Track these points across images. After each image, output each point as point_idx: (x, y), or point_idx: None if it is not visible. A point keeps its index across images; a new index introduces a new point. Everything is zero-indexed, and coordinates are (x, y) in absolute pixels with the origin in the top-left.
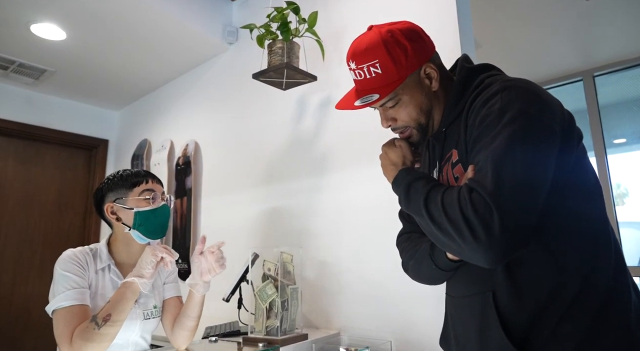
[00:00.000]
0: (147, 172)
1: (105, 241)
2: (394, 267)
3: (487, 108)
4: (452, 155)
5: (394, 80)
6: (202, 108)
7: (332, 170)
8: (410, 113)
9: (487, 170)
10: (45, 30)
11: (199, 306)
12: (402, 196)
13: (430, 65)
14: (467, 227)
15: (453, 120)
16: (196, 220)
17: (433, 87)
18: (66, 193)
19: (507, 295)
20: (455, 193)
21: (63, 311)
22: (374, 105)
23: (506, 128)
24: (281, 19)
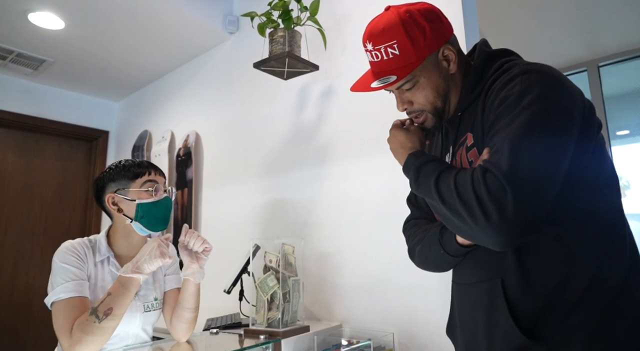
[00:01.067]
0: (150, 163)
1: (104, 232)
2: (396, 258)
3: (506, 90)
4: (467, 139)
5: (412, 62)
6: (203, 99)
7: (334, 161)
8: (427, 96)
9: (504, 152)
10: (43, 19)
11: (193, 296)
12: (412, 178)
13: (449, 47)
14: (479, 208)
15: (469, 105)
16: (197, 212)
17: (451, 70)
18: (67, 184)
19: (516, 283)
20: (469, 174)
21: (62, 304)
22: (390, 88)
23: (525, 111)
24: (282, 6)
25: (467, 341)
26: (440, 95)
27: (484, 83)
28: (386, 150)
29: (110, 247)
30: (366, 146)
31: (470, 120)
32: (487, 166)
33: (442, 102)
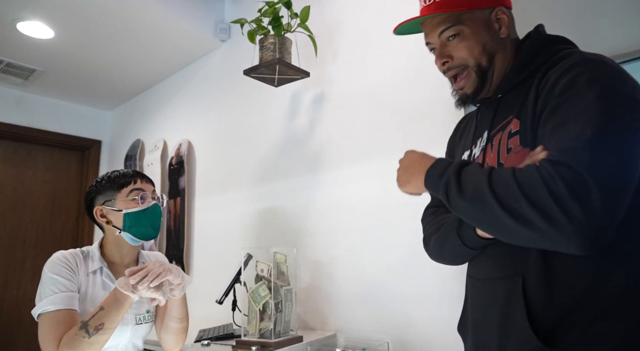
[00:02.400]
0: (136, 171)
1: (97, 243)
2: (391, 266)
3: (571, 77)
4: (511, 124)
5: (463, 6)
6: (195, 107)
7: (326, 168)
8: (472, 49)
9: (580, 144)
10: (32, 28)
11: (178, 306)
12: (453, 184)
13: (504, 11)
14: (558, 208)
15: (513, 87)
16: (190, 221)
17: (502, 33)
18: (58, 195)
19: (538, 283)
20: (534, 171)
21: (48, 316)
22: (431, 36)
23: (601, 101)
24: (272, 13)
25: (478, 339)
26: (486, 52)
27: (536, 67)
28: (379, 156)
29: (103, 258)
30: (359, 153)
31: (516, 105)
32: (560, 159)
33: (487, 61)
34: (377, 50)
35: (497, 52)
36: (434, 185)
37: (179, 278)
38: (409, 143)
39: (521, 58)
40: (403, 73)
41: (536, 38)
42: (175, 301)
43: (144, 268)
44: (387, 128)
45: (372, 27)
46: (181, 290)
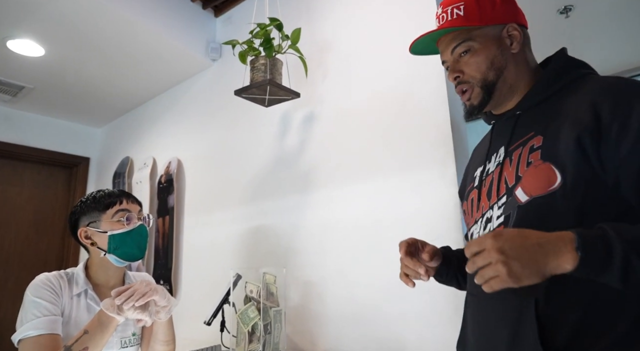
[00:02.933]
0: (122, 191)
1: (82, 265)
2: (381, 286)
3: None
4: (533, 140)
5: (474, 23)
6: (185, 126)
7: (316, 188)
8: (480, 64)
9: None
10: (22, 46)
11: (165, 329)
12: (635, 260)
13: (516, 27)
14: None
15: (534, 106)
16: (179, 240)
17: (513, 49)
18: (45, 213)
19: (550, 302)
20: None
21: (30, 341)
22: (445, 53)
23: None
24: (264, 35)
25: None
26: (494, 67)
27: (560, 87)
28: (369, 176)
29: (88, 279)
30: (348, 172)
31: (540, 122)
32: None
33: (494, 76)
34: (366, 71)
35: (507, 67)
36: (597, 263)
37: (164, 300)
38: (398, 164)
39: (545, 77)
40: (392, 93)
41: (560, 58)
42: (162, 323)
43: (129, 287)
44: (376, 149)
45: (361, 48)
46: (167, 312)
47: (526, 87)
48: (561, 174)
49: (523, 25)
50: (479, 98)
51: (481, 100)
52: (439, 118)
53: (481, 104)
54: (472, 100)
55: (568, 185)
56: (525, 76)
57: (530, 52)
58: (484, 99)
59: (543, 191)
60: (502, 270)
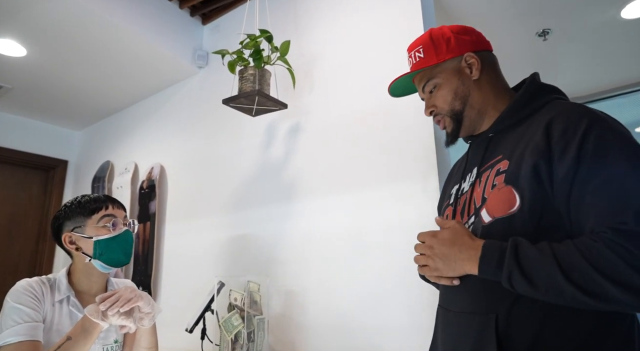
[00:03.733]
0: (107, 196)
1: (65, 271)
2: (362, 298)
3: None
4: (500, 163)
5: (432, 62)
6: (169, 132)
7: (299, 198)
8: (445, 97)
9: (629, 205)
10: (3, 45)
11: (148, 336)
12: (518, 277)
13: (473, 55)
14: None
15: (505, 128)
16: (159, 246)
17: (473, 76)
18: (18, 216)
19: (510, 321)
20: (606, 251)
21: (10, 349)
22: (419, 91)
23: (623, 156)
24: (254, 46)
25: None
26: (458, 97)
27: (530, 112)
28: (352, 188)
29: (71, 286)
30: (332, 184)
31: (507, 146)
32: (626, 227)
33: (460, 105)
34: (353, 84)
35: (471, 94)
36: (492, 274)
37: (149, 307)
38: (381, 176)
39: (516, 102)
40: (378, 107)
41: (531, 84)
42: (145, 330)
43: (114, 293)
44: (360, 161)
45: (348, 61)
46: (151, 319)
47: (495, 108)
48: (520, 198)
49: (485, 50)
50: (451, 126)
51: (453, 127)
52: (423, 133)
53: (454, 131)
54: (447, 128)
55: (525, 209)
56: (492, 98)
57: (496, 73)
58: (455, 127)
59: (504, 213)
60: (428, 262)
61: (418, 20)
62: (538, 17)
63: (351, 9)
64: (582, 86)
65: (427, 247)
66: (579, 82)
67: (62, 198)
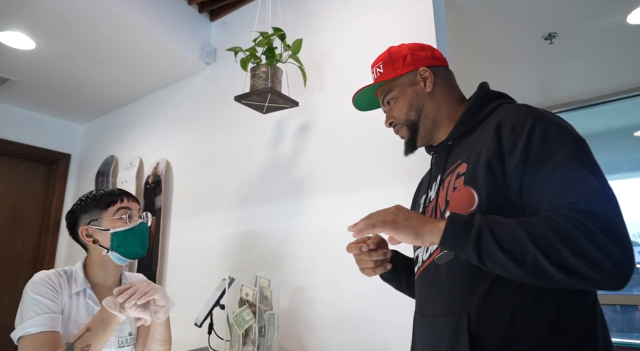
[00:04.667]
0: (122, 190)
1: (81, 263)
2: (370, 293)
3: (542, 129)
4: (460, 167)
5: (390, 76)
6: (175, 127)
7: (308, 196)
8: (401, 108)
9: (592, 188)
10: (12, 38)
11: (162, 329)
12: (487, 234)
13: (427, 70)
14: (605, 257)
15: (461, 135)
16: (164, 241)
17: (427, 88)
18: (21, 209)
19: (481, 318)
20: (567, 223)
21: (31, 339)
22: (384, 109)
23: (579, 148)
24: (267, 44)
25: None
26: (413, 108)
27: (482, 118)
28: (361, 187)
29: (87, 278)
30: (341, 182)
31: (465, 151)
32: (586, 209)
33: (415, 116)
34: (363, 84)
35: (425, 105)
36: (458, 235)
37: (164, 300)
38: (390, 176)
39: (467, 110)
40: None
41: (479, 94)
42: (159, 323)
43: (131, 286)
44: (370, 161)
45: (358, 60)
46: (165, 312)
47: (449, 118)
48: (478, 197)
49: (440, 65)
50: (408, 135)
51: (410, 136)
52: None
53: (410, 140)
54: (405, 137)
55: (483, 206)
56: (445, 109)
57: (450, 86)
58: (411, 136)
59: (465, 212)
60: (390, 218)
61: (429, 22)
62: (545, 20)
63: (362, 9)
64: (586, 89)
65: (395, 210)
66: (584, 85)
67: (65, 191)
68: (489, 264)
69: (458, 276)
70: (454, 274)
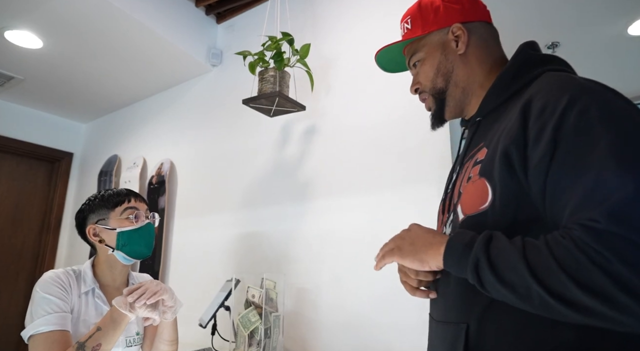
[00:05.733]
0: (130, 190)
1: (89, 263)
2: (374, 296)
3: (577, 114)
4: (479, 153)
5: (418, 34)
6: (180, 128)
7: (313, 198)
8: (427, 72)
9: (618, 197)
10: (20, 37)
11: (170, 329)
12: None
13: (460, 27)
14: (623, 292)
15: (492, 110)
16: (167, 242)
17: (459, 50)
18: (22, 207)
19: (483, 333)
20: (575, 251)
21: (41, 337)
22: (411, 71)
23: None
24: (276, 48)
25: None
26: (441, 73)
27: (516, 90)
28: (366, 190)
29: (95, 278)
30: (346, 186)
31: (490, 132)
32: (605, 228)
33: (443, 82)
34: (370, 88)
35: (454, 70)
36: (457, 263)
37: (172, 300)
38: (396, 180)
39: (498, 79)
40: (395, 112)
41: (517, 57)
42: (167, 323)
43: (141, 286)
44: (376, 165)
45: (365, 65)
46: (173, 312)
47: (482, 87)
48: (492, 192)
49: (478, 21)
50: (434, 107)
51: (436, 108)
52: (439, 138)
53: (437, 113)
54: (431, 109)
55: (497, 205)
56: (479, 76)
57: (488, 47)
58: (438, 107)
59: (475, 210)
60: (397, 244)
61: None
62: (548, 30)
63: (369, 15)
64: None
65: (405, 230)
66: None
67: (67, 190)
68: (494, 294)
69: (464, 283)
70: (462, 280)
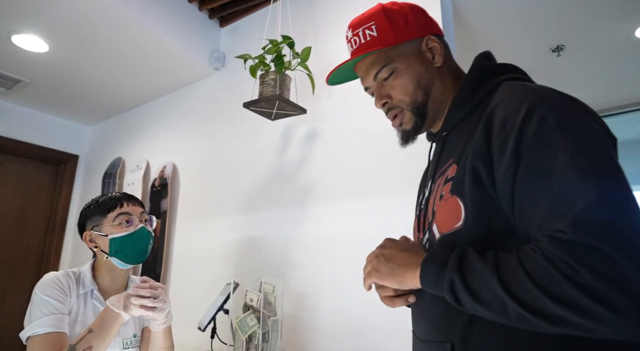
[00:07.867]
0: (123, 194)
1: (89, 265)
2: (373, 302)
3: (537, 123)
4: (450, 169)
5: (390, 43)
6: (183, 131)
7: (314, 202)
8: (406, 85)
9: (584, 207)
10: (27, 41)
11: (163, 336)
12: (459, 285)
13: (434, 39)
14: (594, 303)
15: (456, 124)
16: (169, 245)
17: (436, 62)
18: (28, 208)
19: (468, 348)
20: (544, 262)
21: (38, 339)
22: (368, 80)
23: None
24: (276, 51)
25: None
26: (421, 86)
27: (477, 102)
28: (366, 195)
29: (95, 280)
30: (346, 190)
31: (457, 147)
32: (573, 238)
33: (423, 96)
34: None
35: (434, 83)
36: (433, 284)
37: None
38: (395, 185)
39: (459, 93)
40: None
41: (474, 67)
42: (159, 332)
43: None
44: (376, 170)
45: None
46: (159, 325)
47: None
48: (464, 210)
49: (440, 35)
50: (411, 123)
51: (414, 124)
52: None
53: (415, 128)
54: (405, 125)
55: (470, 221)
56: (453, 90)
57: (453, 61)
58: (417, 123)
59: (450, 228)
60: (372, 263)
61: None
62: (553, 33)
63: None
64: (593, 101)
65: (375, 257)
66: (590, 98)
67: (72, 192)
68: (473, 311)
69: (444, 300)
70: (442, 298)
